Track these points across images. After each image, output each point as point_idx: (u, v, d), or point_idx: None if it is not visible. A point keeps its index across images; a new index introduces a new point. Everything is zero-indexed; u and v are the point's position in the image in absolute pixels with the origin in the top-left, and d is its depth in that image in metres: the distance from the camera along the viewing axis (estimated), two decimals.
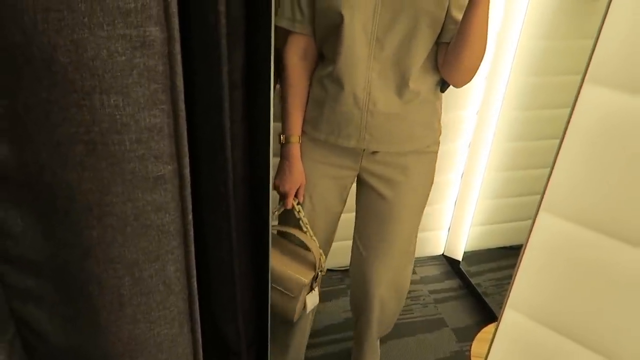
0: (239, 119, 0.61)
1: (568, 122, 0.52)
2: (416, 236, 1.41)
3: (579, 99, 0.50)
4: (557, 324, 0.63)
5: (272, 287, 1.27)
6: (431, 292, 2.22)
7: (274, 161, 1.92)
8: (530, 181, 2.08)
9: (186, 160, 0.56)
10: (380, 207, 1.31)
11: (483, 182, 2.10)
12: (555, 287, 0.60)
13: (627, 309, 0.58)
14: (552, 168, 0.54)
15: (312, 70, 1.22)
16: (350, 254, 1.49)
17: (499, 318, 0.65)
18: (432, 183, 1.34)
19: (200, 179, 0.64)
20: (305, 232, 1.30)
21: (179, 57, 0.51)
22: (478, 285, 2.17)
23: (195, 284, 0.66)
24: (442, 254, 2.39)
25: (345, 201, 1.40)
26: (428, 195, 1.35)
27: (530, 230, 0.57)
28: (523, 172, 2.08)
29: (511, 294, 0.62)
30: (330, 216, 1.37)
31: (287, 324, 1.48)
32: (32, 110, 0.49)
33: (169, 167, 0.56)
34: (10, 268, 0.58)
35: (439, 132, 1.29)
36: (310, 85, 1.23)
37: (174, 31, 0.50)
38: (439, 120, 1.28)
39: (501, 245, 2.25)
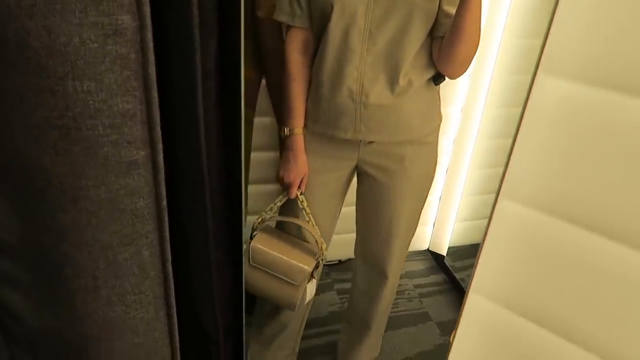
0: (212, 107, 0.63)
1: (523, 110, 0.54)
2: (417, 223, 1.44)
3: (533, 89, 0.52)
4: (519, 307, 0.65)
5: (274, 276, 1.30)
6: (416, 286, 2.25)
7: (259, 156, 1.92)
8: None
9: (159, 146, 0.58)
10: (378, 193, 1.34)
11: (467, 178, 2.13)
12: (515, 270, 0.62)
13: (585, 291, 0.60)
14: (510, 155, 0.56)
15: (312, 61, 1.24)
16: (335, 249, 1.51)
17: (463, 302, 0.67)
18: (433, 172, 1.36)
19: (175, 167, 0.65)
20: (308, 222, 1.32)
21: (150, 45, 0.53)
22: (462, 280, 2.20)
23: (170, 268, 0.67)
24: (427, 249, 2.42)
25: (344, 194, 1.42)
26: (429, 184, 1.37)
27: (491, 216, 0.60)
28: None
29: (474, 278, 0.64)
30: (330, 209, 1.40)
31: (277, 315, 1.51)
32: (7, 95, 0.51)
33: (142, 152, 0.57)
34: None
35: (438, 121, 1.31)
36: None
37: (145, 19, 0.52)
38: (439, 110, 1.30)
39: None
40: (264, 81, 1.71)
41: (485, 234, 0.62)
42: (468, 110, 2.05)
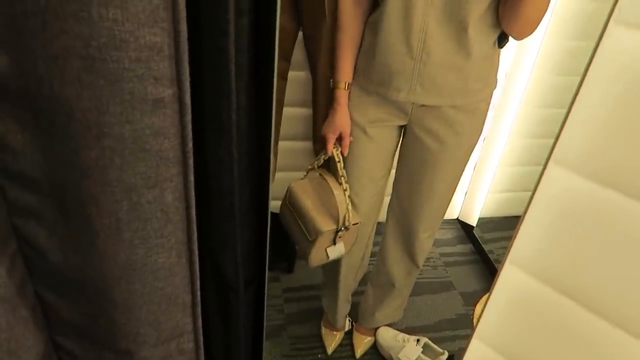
0: (245, 47, 0.59)
1: (587, 69, 0.48)
2: (455, 188, 1.41)
3: (602, 41, 0.46)
4: (558, 283, 0.61)
5: (298, 225, 1.31)
6: (442, 254, 2.22)
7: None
8: None
9: (187, 85, 0.55)
10: (424, 157, 1.30)
11: (506, 148, 2.04)
12: (559, 243, 0.58)
13: (631, 270, 0.56)
14: (566, 119, 0.51)
15: (366, 16, 1.19)
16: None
17: (498, 273, 0.63)
18: (479, 137, 1.31)
19: (202, 107, 0.62)
20: (339, 185, 1.29)
21: None
22: (490, 252, 2.16)
23: (194, 214, 0.65)
24: (457, 219, 2.37)
25: (394, 153, 1.38)
26: (475, 146, 1.33)
27: (538, 182, 0.55)
28: (550, 140, 2.01)
29: (512, 249, 0.60)
30: (381, 166, 1.37)
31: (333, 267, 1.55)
32: (29, 19, 0.48)
33: (169, 90, 0.54)
34: (10, 183, 0.59)
35: (493, 86, 1.24)
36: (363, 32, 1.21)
37: None
38: (496, 74, 1.23)
39: (518, 214, 2.21)
40: (300, 33, 1.65)
41: (530, 201, 0.57)
42: (513, 74, 1.94)
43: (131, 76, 0.52)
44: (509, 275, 0.64)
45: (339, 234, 1.28)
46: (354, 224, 1.30)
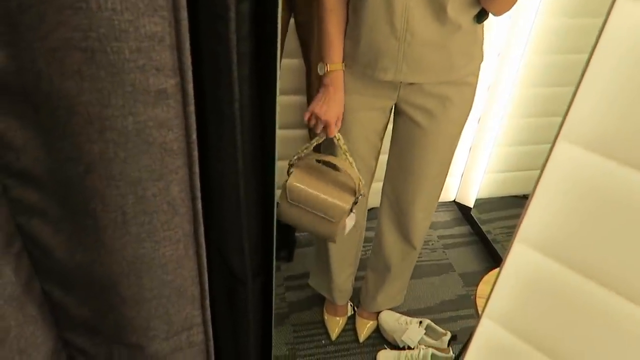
0: (246, 35, 0.58)
1: (596, 43, 0.48)
2: (450, 163, 1.41)
3: (610, 16, 0.46)
4: (568, 259, 0.61)
5: (313, 214, 1.29)
6: (440, 237, 2.23)
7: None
8: (550, 129, 2.02)
9: (189, 74, 0.54)
10: (415, 135, 1.31)
11: (502, 128, 2.04)
12: (568, 220, 0.58)
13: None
14: (575, 94, 0.50)
15: None
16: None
17: (507, 252, 0.63)
18: (470, 112, 1.32)
19: (204, 98, 0.61)
20: (345, 160, 1.29)
21: None
22: (488, 232, 2.17)
23: (199, 206, 0.65)
24: (454, 200, 2.38)
25: (384, 133, 1.39)
26: (465, 123, 1.34)
27: (547, 159, 0.55)
28: (545, 119, 2.02)
29: (522, 227, 0.60)
30: (371, 148, 1.38)
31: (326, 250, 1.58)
32: (26, 12, 0.47)
33: (172, 81, 0.54)
34: (13, 181, 0.58)
35: (480, 60, 1.25)
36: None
37: None
38: (481, 47, 1.24)
39: (515, 194, 2.22)
40: (292, 21, 1.64)
41: (538, 178, 0.57)
42: (506, 54, 1.94)
43: (132, 67, 0.51)
44: (519, 253, 0.64)
45: (356, 203, 1.29)
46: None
